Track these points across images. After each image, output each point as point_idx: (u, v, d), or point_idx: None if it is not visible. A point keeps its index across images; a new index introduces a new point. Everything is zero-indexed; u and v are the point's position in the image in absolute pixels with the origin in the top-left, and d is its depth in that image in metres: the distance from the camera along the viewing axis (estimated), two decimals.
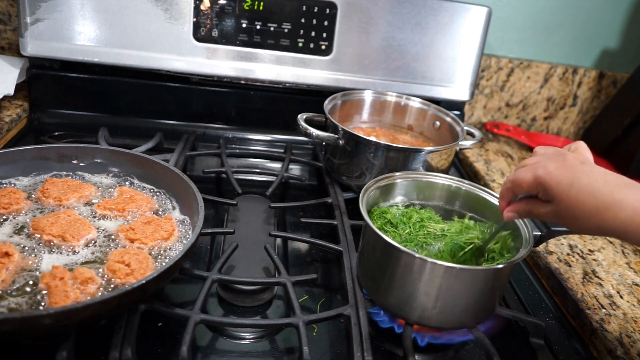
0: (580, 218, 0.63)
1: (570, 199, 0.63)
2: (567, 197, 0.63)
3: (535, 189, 0.67)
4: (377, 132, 1.25)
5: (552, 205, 0.66)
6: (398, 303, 0.76)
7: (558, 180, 0.64)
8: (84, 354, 0.69)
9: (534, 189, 0.67)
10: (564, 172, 0.64)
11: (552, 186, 0.64)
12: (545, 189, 0.65)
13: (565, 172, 0.64)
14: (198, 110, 1.33)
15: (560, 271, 0.98)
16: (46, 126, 1.25)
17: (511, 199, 0.72)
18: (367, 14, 1.26)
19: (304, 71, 1.28)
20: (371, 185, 0.87)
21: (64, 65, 1.25)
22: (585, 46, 1.58)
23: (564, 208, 0.64)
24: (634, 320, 0.88)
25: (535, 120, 1.66)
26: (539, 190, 0.66)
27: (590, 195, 0.62)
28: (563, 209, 0.64)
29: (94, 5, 1.17)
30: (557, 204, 0.65)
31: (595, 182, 0.62)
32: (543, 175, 0.65)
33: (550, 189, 0.64)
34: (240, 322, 0.77)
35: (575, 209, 0.63)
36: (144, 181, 0.95)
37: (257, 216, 1.03)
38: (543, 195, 0.66)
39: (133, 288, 0.64)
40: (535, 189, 0.67)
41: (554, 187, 0.64)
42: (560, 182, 0.63)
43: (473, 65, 1.34)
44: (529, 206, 0.70)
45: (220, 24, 1.22)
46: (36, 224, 0.79)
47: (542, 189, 0.66)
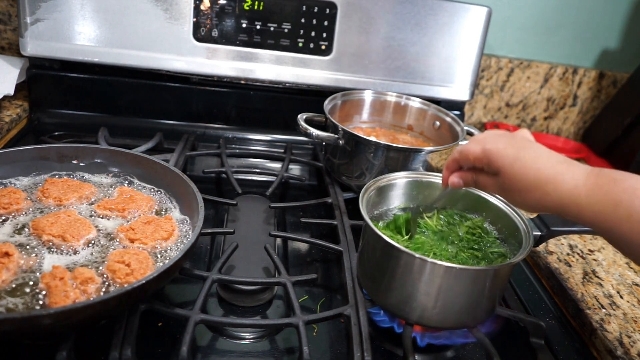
0: (523, 191, 0.65)
1: (515, 171, 0.65)
2: (511, 169, 0.65)
3: (481, 161, 0.69)
4: (377, 132, 1.25)
5: (497, 178, 0.68)
6: (398, 303, 0.76)
7: (504, 154, 0.66)
8: (84, 354, 0.69)
9: (480, 162, 0.69)
10: (511, 147, 0.67)
11: (497, 159, 0.66)
12: (491, 162, 0.67)
13: (511, 147, 0.66)
14: (198, 110, 1.33)
15: (560, 271, 0.98)
16: (46, 126, 1.25)
17: (455, 169, 0.75)
18: (367, 14, 1.26)
19: (304, 71, 1.28)
20: (371, 185, 0.87)
21: (64, 65, 1.25)
22: (585, 46, 1.58)
23: (507, 180, 0.66)
24: (634, 320, 0.88)
25: (535, 120, 1.66)
26: (484, 163, 0.68)
27: (532, 169, 0.64)
28: (507, 181, 0.66)
29: (94, 5, 1.17)
30: (501, 176, 0.67)
31: (539, 157, 0.65)
32: (491, 149, 0.67)
33: (496, 161, 0.67)
34: (240, 322, 0.77)
35: (518, 181, 0.65)
36: (144, 181, 0.95)
37: (257, 216, 1.03)
38: (488, 168, 0.69)
39: (133, 288, 0.64)
40: (481, 161, 0.69)
41: (499, 159, 0.66)
42: (506, 156, 0.66)
43: (473, 65, 1.34)
44: (475, 177, 0.72)
45: (220, 24, 1.22)
46: (36, 224, 0.79)
47: (487, 161, 0.68)
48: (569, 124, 1.68)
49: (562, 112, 1.66)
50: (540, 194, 0.64)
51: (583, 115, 1.67)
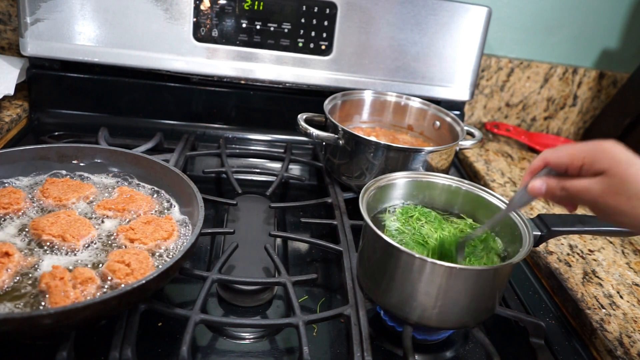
0: (636, 196, 0.59)
1: (630, 174, 0.59)
2: (626, 172, 0.59)
3: (581, 159, 0.62)
4: (377, 132, 1.25)
5: (601, 180, 0.61)
6: (398, 303, 0.76)
7: (617, 154, 0.60)
8: (84, 354, 0.69)
9: (579, 160, 0.62)
10: (620, 150, 0.61)
11: (608, 158, 0.60)
12: (598, 160, 0.61)
13: (621, 150, 0.61)
14: (198, 110, 1.33)
15: (560, 271, 0.98)
16: (46, 126, 1.25)
17: (538, 171, 0.67)
18: (367, 14, 1.26)
19: (304, 71, 1.28)
20: (371, 185, 0.87)
21: (64, 65, 1.25)
22: (585, 46, 1.58)
23: (618, 183, 0.59)
24: (634, 320, 0.88)
25: (535, 120, 1.66)
26: (586, 161, 0.62)
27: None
28: (617, 183, 0.59)
29: (94, 5, 1.17)
30: (610, 177, 0.60)
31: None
32: (597, 147, 0.61)
33: (607, 160, 0.60)
34: (240, 322, 0.77)
35: (633, 184, 0.59)
36: (144, 181, 0.95)
37: (257, 216, 1.03)
38: (590, 167, 0.62)
39: (133, 288, 0.64)
40: (581, 159, 0.62)
41: (611, 159, 0.60)
42: (620, 157, 0.60)
43: (473, 65, 1.34)
44: (562, 181, 0.64)
45: (220, 24, 1.22)
46: (36, 224, 0.79)
47: (592, 159, 0.61)
48: (569, 124, 1.68)
49: (562, 112, 1.66)
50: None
51: (583, 115, 1.67)
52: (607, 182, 0.60)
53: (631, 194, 0.59)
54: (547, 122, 1.67)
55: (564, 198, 0.66)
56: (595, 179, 0.61)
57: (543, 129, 1.68)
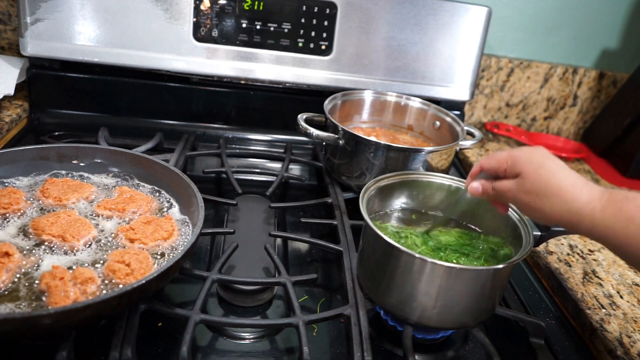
0: (542, 195, 0.68)
1: (539, 175, 0.68)
2: (536, 173, 0.68)
3: (505, 163, 0.72)
4: (377, 132, 1.25)
5: (517, 180, 0.70)
6: (398, 303, 0.76)
7: (531, 158, 0.70)
8: (84, 354, 0.69)
9: (503, 164, 0.72)
10: (537, 154, 0.70)
11: (523, 162, 0.70)
12: (516, 163, 0.70)
13: (537, 154, 0.70)
14: (198, 110, 1.33)
15: (560, 271, 0.98)
16: (46, 126, 1.25)
17: (476, 175, 0.78)
18: (367, 14, 1.26)
19: (304, 71, 1.28)
20: (371, 185, 0.87)
21: (64, 65, 1.25)
22: (585, 46, 1.58)
23: (529, 183, 0.69)
24: (634, 320, 0.88)
25: (535, 120, 1.66)
26: (508, 165, 0.72)
27: (555, 177, 0.67)
28: (528, 184, 0.69)
29: (94, 5, 1.17)
30: (524, 178, 0.69)
31: (562, 169, 0.68)
32: (517, 153, 0.71)
33: (521, 163, 0.70)
34: (240, 322, 0.77)
35: (540, 185, 0.68)
36: (144, 181, 0.95)
37: (257, 216, 1.03)
38: (511, 170, 0.71)
39: (133, 288, 0.64)
40: (505, 163, 0.72)
41: (525, 163, 0.70)
42: (533, 161, 0.69)
43: (473, 65, 1.34)
44: (493, 182, 0.75)
45: (220, 24, 1.22)
46: (36, 224, 0.79)
47: (512, 163, 0.71)
48: (569, 124, 1.68)
49: (562, 112, 1.66)
50: (558, 201, 0.66)
51: (583, 115, 1.67)
52: (521, 182, 0.70)
53: (538, 192, 0.68)
54: (547, 122, 1.67)
55: (493, 197, 0.76)
56: (514, 180, 0.71)
57: (543, 129, 1.68)
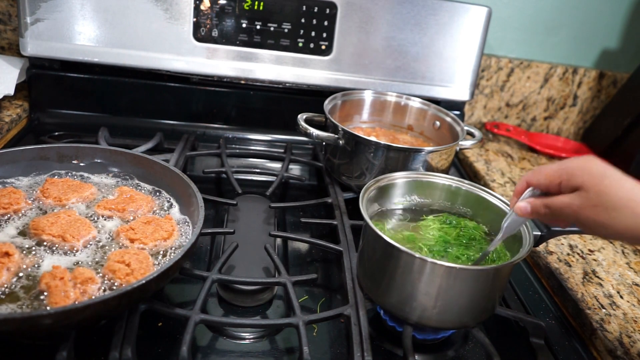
0: (611, 208, 0.61)
1: (605, 186, 0.61)
2: (601, 184, 0.61)
3: (558, 177, 0.65)
4: (377, 132, 1.25)
5: (578, 195, 0.63)
6: (398, 303, 0.76)
7: (589, 170, 0.63)
8: (84, 354, 0.69)
9: (556, 179, 0.65)
10: (594, 164, 0.63)
11: (582, 173, 0.63)
12: (573, 177, 0.63)
13: (595, 165, 0.63)
14: (198, 110, 1.33)
15: (560, 271, 0.98)
16: (46, 126, 1.25)
17: (522, 193, 0.70)
18: (367, 14, 1.26)
19: (304, 71, 1.28)
20: (371, 185, 0.87)
21: (64, 65, 1.25)
22: (585, 46, 1.58)
23: (595, 196, 0.61)
24: (634, 320, 0.88)
25: (535, 120, 1.66)
26: (563, 178, 0.64)
27: (623, 187, 0.61)
28: (594, 197, 0.62)
29: (94, 5, 1.17)
30: (587, 192, 0.62)
31: (626, 179, 0.62)
32: (571, 164, 0.64)
33: (581, 176, 0.63)
34: (240, 322, 0.77)
35: (608, 195, 0.61)
36: (144, 181, 0.95)
37: (257, 216, 1.03)
38: (567, 184, 0.64)
39: (133, 288, 0.64)
40: (558, 177, 0.65)
41: (584, 174, 0.62)
42: (594, 172, 0.62)
43: (473, 65, 1.34)
44: (545, 200, 0.67)
45: (220, 24, 1.22)
46: (36, 224, 0.79)
47: (568, 177, 0.64)
48: (569, 124, 1.68)
49: (562, 112, 1.66)
50: (628, 213, 0.60)
51: (583, 115, 1.67)
52: (584, 196, 0.63)
53: (607, 206, 0.61)
54: (547, 122, 1.67)
55: (548, 215, 0.68)
56: (573, 194, 0.64)
57: (543, 129, 1.68)
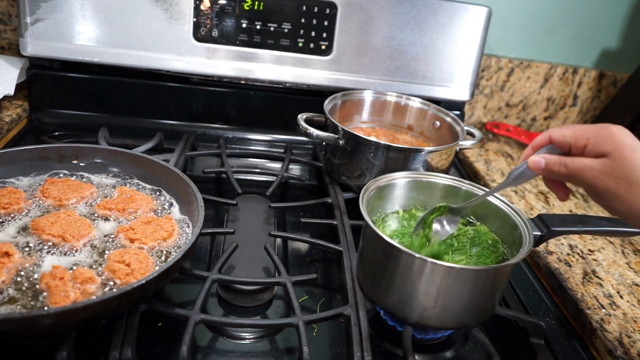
0: (636, 183, 0.59)
1: (634, 159, 0.59)
2: (631, 157, 0.59)
3: (586, 139, 0.62)
4: (377, 132, 1.25)
5: (604, 161, 0.61)
6: (398, 303, 0.76)
7: (623, 139, 0.60)
8: (84, 354, 0.69)
9: (585, 140, 0.62)
10: (627, 136, 0.61)
11: (614, 140, 0.60)
12: (604, 141, 0.60)
13: (628, 136, 0.61)
14: (198, 110, 1.33)
15: (560, 271, 0.98)
16: (46, 126, 1.25)
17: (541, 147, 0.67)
18: (367, 14, 1.26)
19: (304, 71, 1.28)
20: (371, 185, 0.87)
21: (64, 65, 1.25)
22: (585, 46, 1.58)
23: (622, 167, 0.59)
24: (634, 320, 0.88)
25: (535, 120, 1.66)
26: (591, 141, 0.62)
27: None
28: (621, 167, 0.59)
29: (94, 5, 1.17)
30: (614, 160, 0.60)
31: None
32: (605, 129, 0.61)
33: (612, 142, 0.60)
34: (240, 322, 0.77)
35: (635, 170, 0.59)
36: (144, 181, 0.95)
37: (257, 216, 1.03)
38: (594, 148, 0.61)
39: (133, 288, 0.64)
40: (586, 139, 0.62)
41: (616, 142, 0.60)
42: (626, 142, 0.60)
43: (473, 65, 1.34)
44: (563, 158, 0.64)
45: (220, 24, 1.22)
46: (36, 224, 0.79)
47: (597, 140, 0.61)
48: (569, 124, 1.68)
49: (562, 112, 1.66)
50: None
51: (583, 115, 1.67)
52: (609, 165, 0.60)
53: (631, 180, 0.59)
54: (547, 122, 1.67)
55: (562, 175, 0.65)
56: (598, 160, 0.61)
57: (543, 129, 1.68)
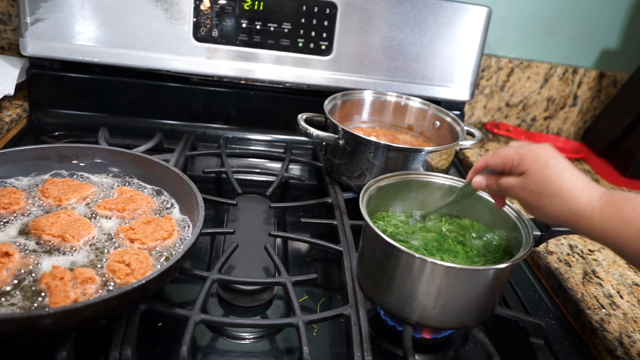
0: (544, 195, 0.69)
1: (543, 175, 0.69)
2: (540, 173, 0.69)
3: (511, 161, 0.72)
4: (377, 132, 1.25)
5: (522, 178, 0.71)
6: (398, 303, 0.76)
7: (537, 157, 0.71)
8: (84, 354, 0.69)
9: (509, 161, 0.73)
10: (543, 153, 0.71)
11: (529, 160, 0.71)
12: (522, 161, 0.71)
13: (544, 153, 0.71)
14: (198, 110, 1.33)
15: (560, 271, 0.98)
16: (46, 126, 1.25)
17: (480, 170, 0.79)
18: (367, 14, 1.26)
19: (304, 71, 1.28)
20: (371, 185, 0.87)
21: (64, 65, 1.25)
22: (585, 46, 1.58)
23: (532, 182, 0.70)
24: (634, 320, 0.88)
25: (535, 120, 1.66)
26: (514, 162, 0.72)
27: (558, 178, 0.68)
28: (532, 183, 0.70)
29: (94, 5, 1.17)
30: (528, 177, 0.70)
31: (565, 169, 0.69)
32: (524, 151, 0.72)
33: (528, 162, 0.71)
34: (240, 322, 0.77)
35: (543, 185, 0.69)
36: (144, 181, 0.95)
37: (257, 216, 1.03)
38: (516, 168, 0.72)
39: (133, 288, 0.64)
40: (511, 161, 0.72)
41: (531, 161, 0.70)
42: (538, 160, 0.70)
43: (473, 65, 1.34)
44: (497, 178, 0.76)
45: (220, 24, 1.22)
46: (36, 224, 0.79)
47: (519, 161, 0.71)
48: (569, 124, 1.68)
49: (562, 112, 1.66)
50: (559, 202, 0.68)
51: (583, 115, 1.67)
52: (524, 181, 0.71)
53: (541, 192, 0.69)
54: (547, 122, 1.67)
55: (498, 191, 0.77)
56: (519, 178, 0.72)
57: (543, 129, 1.68)
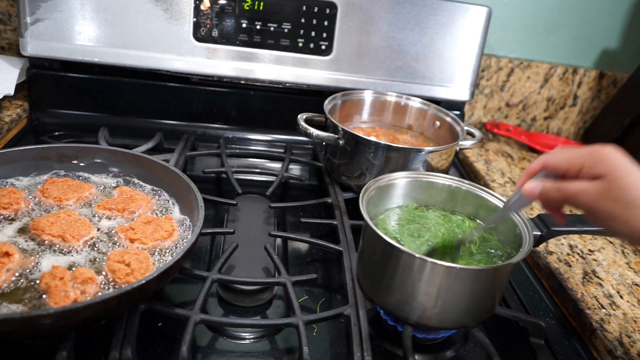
0: (631, 205, 0.58)
1: (630, 181, 0.58)
2: (627, 178, 0.58)
3: (581, 163, 0.62)
4: (377, 132, 1.25)
5: (599, 183, 0.60)
6: (398, 303, 0.76)
7: (618, 160, 0.59)
8: (84, 354, 0.69)
9: (579, 163, 0.62)
10: (621, 156, 0.60)
11: (610, 162, 0.59)
12: (600, 163, 0.60)
13: (622, 157, 0.60)
14: (198, 110, 1.33)
15: (560, 271, 0.98)
16: (46, 126, 1.25)
17: (535, 174, 0.67)
18: (367, 14, 1.26)
19: (304, 71, 1.28)
20: (371, 185, 0.87)
21: (64, 65, 1.25)
22: (585, 46, 1.58)
23: (616, 189, 0.58)
24: (634, 320, 0.88)
25: (535, 120, 1.66)
26: (587, 163, 0.61)
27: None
28: (617, 189, 0.58)
29: (94, 5, 1.17)
30: (610, 182, 0.59)
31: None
32: (601, 151, 0.60)
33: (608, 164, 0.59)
34: (240, 322, 0.77)
35: (631, 191, 0.58)
36: (144, 181, 0.95)
37: (257, 216, 1.03)
38: (589, 170, 0.61)
39: (133, 288, 0.64)
40: (581, 163, 0.62)
41: (612, 163, 0.59)
42: (621, 163, 0.59)
43: (473, 65, 1.34)
44: (558, 183, 0.63)
45: (220, 24, 1.22)
46: (36, 224, 0.79)
47: (593, 162, 0.60)
48: (569, 124, 1.68)
49: (562, 112, 1.66)
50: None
51: (583, 115, 1.67)
52: (605, 187, 0.59)
53: (627, 202, 0.58)
54: (547, 122, 1.67)
55: (558, 200, 0.64)
56: (593, 182, 0.61)
57: (543, 129, 1.68)
